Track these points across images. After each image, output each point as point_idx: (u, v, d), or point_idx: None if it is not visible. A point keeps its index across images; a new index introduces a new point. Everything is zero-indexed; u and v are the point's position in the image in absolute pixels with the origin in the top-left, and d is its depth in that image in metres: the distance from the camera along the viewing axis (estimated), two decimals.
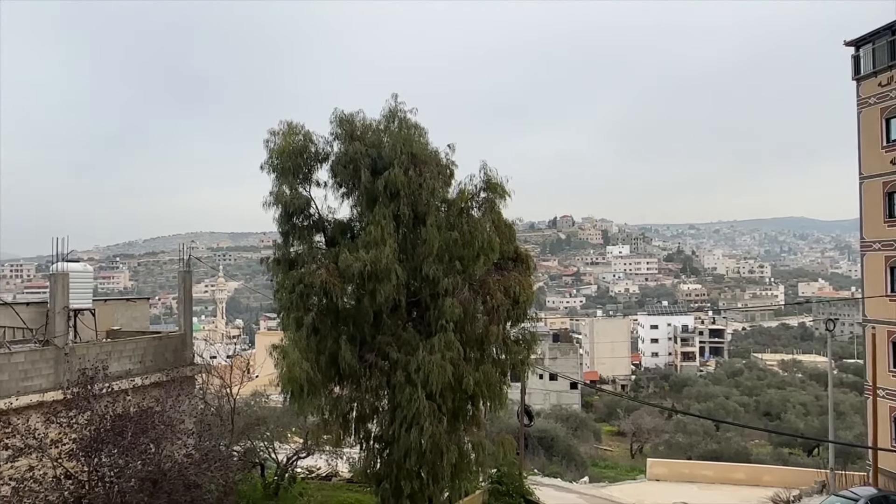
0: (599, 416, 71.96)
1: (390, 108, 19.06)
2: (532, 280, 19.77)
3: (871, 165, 27.62)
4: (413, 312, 18.73)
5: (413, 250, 18.28)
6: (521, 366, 19.28)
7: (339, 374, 18.36)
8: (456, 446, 17.60)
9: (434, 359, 16.75)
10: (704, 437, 45.49)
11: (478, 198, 19.12)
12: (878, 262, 27.33)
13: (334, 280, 16.99)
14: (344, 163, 18.34)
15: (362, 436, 19.47)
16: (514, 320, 18.71)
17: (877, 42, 27.27)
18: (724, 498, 28.17)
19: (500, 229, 18.98)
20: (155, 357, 18.41)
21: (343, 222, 19.34)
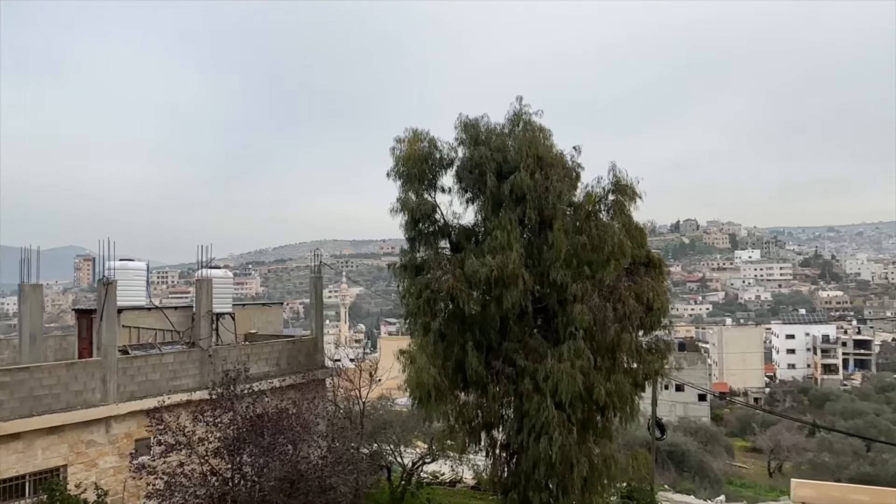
0: (731, 430, 68.04)
1: (515, 110, 18.78)
2: (666, 286, 18.77)
3: None
4: (539, 319, 18.30)
5: (539, 255, 17.85)
6: (654, 376, 18.32)
7: (466, 381, 18.26)
8: (586, 458, 16.93)
9: (563, 367, 16.25)
10: (855, 457, 41.64)
11: (606, 200, 18.43)
12: None
13: (461, 286, 16.88)
14: (469, 168, 18.23)
15: (488, 443, 19.26)
16: (646, 328, 17.83)
17: None
18: None
19: (631, 233, 18.18)
20: (289, 360, 19.08)
21: (467, 228, 19.22)
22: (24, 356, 16.46)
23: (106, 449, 15.22)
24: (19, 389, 13.98)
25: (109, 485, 14.71)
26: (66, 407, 14.66)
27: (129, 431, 15.72)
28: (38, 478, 14.19)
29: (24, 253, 16.32)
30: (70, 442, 14.67)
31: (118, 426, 15.53)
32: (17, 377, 14.10)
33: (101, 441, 15.20)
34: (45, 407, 14.31)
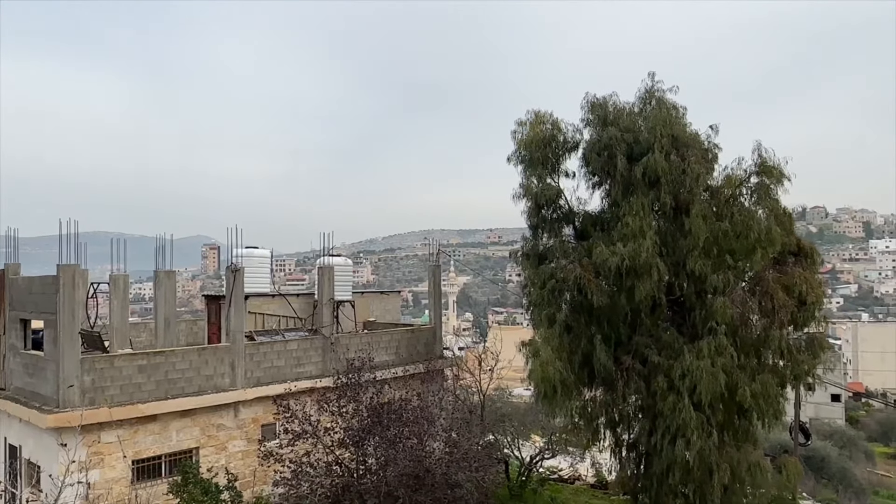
0: (870, 434, 62.48)
1: (646, 87, 17.50)
2: (820, 278, 16.93)
3: None
4: (673, 313, 17.00)
5: (674, 244, 16.53)
6: (804, 376, 16.57)
7: (592, 376, 17.30)
8: (727, 465, 15.54)
9: (703, 365, 14.97)
10: None
11: (748, 183, 16.82)
12: None
13: (588, 275, 15.90)
14: (597, 150, 17.15)
15: (612, 442, 18.23)
16: (798, 324, 16.13)
17: None
18: None
19: (779, 219, 16.50)
20: (409, 349, 18.79)
21: (594, 214, 18.17)
22: (159, 340, 17.05)
23: (235, 433, 15.46)
24: (156, 373, 14.39)
25: (238, 468, 14.93)
26: (197, 391, 14.98)
27: (256, 416, 15.92)
28: (173, 458, 14.60)
29: (158, 241, 16.87)
30: (201, 425, 14.99)
31: (246, 411, 15.76)
32: (154, 361, 14.52)
33: (229, 425, 15.46)
34: (178, 390, 14.68)
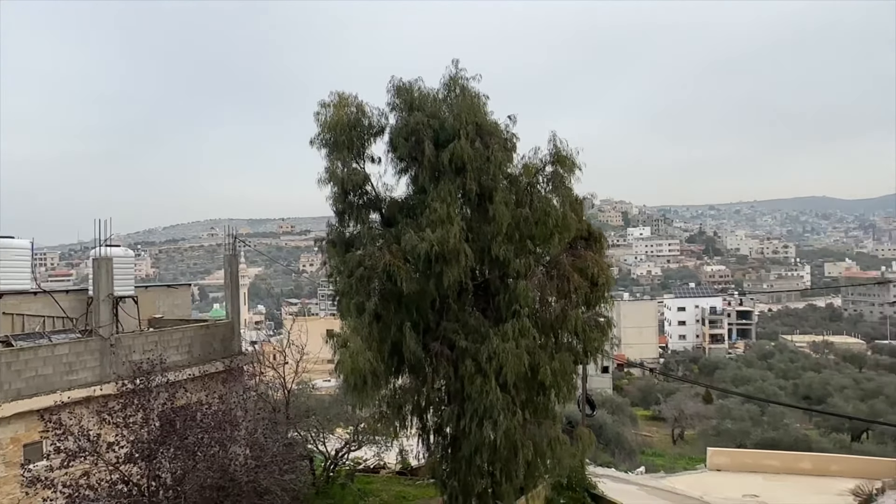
0: (633, 400, 70.55)
1: (451, 74, 17.49)
2: (607, 260, 18.25)
3: None
4: (480, 297, 17.33)
5: (479, 229, 16.82)
6: (595, 353, 17.80)
7: (402, 364, 17.12)
8: (531, 441, 16.21)
9: (508, 347, 15.39)
10: (753, 423, 43.88)
11: (544, 172, 17.60)
12: None
13: (398, 262, 15.62)
14: (404, 135, 16.88)
15: (422, 428, 18.25)
16: (591, 304, 17.23)
17: None
18: (795, 489, 26.65)
19: (573, 205, 17.45)
20: (203, 347, 17.18)
21: (401, 200, 17.94)
22: None
23: None
24: None
25: None
26: None
27: (17, 436, 13.47)
28: None
29: None
30: None
31: (3, 430, 13.27)
32: None
33: None
34: None
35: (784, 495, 25.77)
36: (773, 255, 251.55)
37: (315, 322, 40.80)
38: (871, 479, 25.81)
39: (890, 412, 50.24)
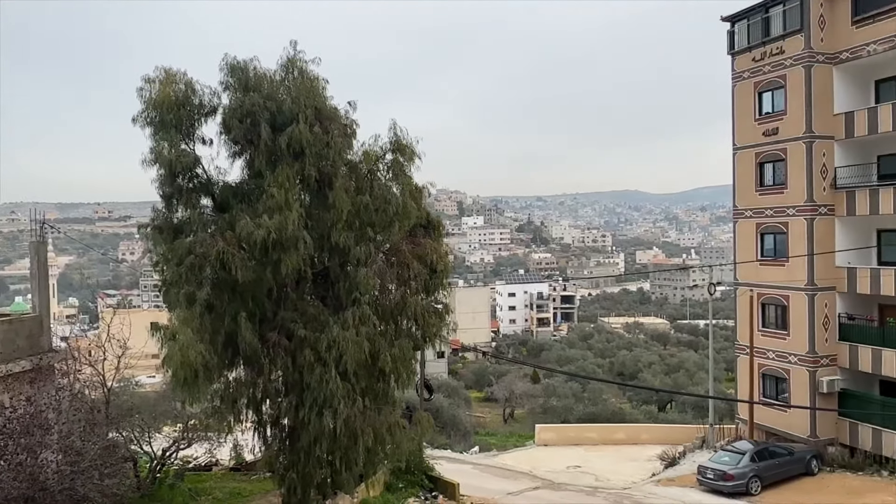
0: (467, 383, 73.07)
1: (289, 56, 16.94)
2: (445, 248, 18.68)
3: (745, 137, 29.15)
4: (319, 285, 17.05)
5: (319, 216, 16.52)
6: (434, 338, 18.20)
7: (237, 356, 16.46)
8: (371, 428, 16.25)
9: (348, 335, 15.31)
10: (576, 399, 47.27)
11: (384, 160, 17.65)
12: (750, 229, 29.05)
13: (232, 249, 14.95)
14: (239, 116, 16.15)
15: (259, 421, 17.68)
16: (430, 290, 17.57)
17: (751, 19, 28.63)
18: (612, 458, 29.11)
19: (412, 193, 17.65)
20: (6, 344, 15.32)
21: (235, 185, 17.17)
22: None
23: None
24: None
25: None
26: None
27: None
28: None
29: None
30: None
31: None
32: None
33: None
34: None
35: (602, 464, 28.09)
36: (593, 244, 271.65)
37: (138, 314, 37.93)
38: (674, 445, 28.86)
39: (690, 384, 56.29)
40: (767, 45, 27.84)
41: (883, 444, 24.94)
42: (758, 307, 28.48)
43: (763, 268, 28.45)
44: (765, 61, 27.98)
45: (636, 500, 22.51)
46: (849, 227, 26.92)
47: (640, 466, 27.53)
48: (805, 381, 26.72)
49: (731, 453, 23.70)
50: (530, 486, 24.67)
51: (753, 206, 28.86)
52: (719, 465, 23.15)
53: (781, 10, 27.46)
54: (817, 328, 26.58)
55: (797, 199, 26.91)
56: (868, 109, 25.90)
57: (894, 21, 24.40)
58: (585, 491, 24.04)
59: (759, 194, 28.56)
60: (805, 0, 26.41)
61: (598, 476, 26.23)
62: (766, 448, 24.10)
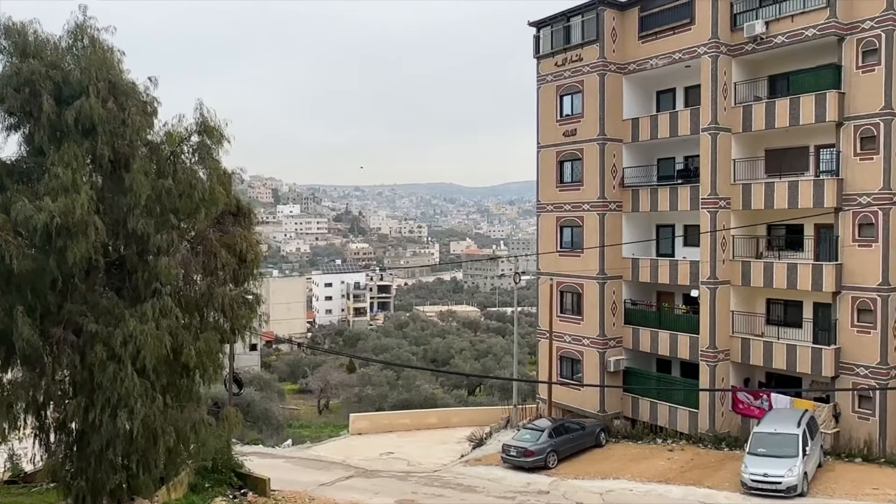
0: (281, 375, 71.35)
1: (77, 21, 15.33)
2: (257, 237, 18.02)
3: (547, 136, 31.25)
4: (114, 275, 15.67)
5: (114, 201, 15.19)
6: (243, 330, 17.51)
7: (12, 355, 14.68)
8: (173, 427, 15.30)
9: (147, 328, 14.22)
10: (390, 387, 47.99)
11: (189, 142, 16.59)
12: (551, 222, 31.27)
13: (7, 235, 13.29)
14: (15, 85, 14.35)
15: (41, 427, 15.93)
16: (239, 281, 16.85)
17: (555, 26, 30.69)
18: (424, 442, 29.93)
19: (220, 179, 16.75)
20: None
21: (10, 163, 15.28)
22: None
23: None
24: None
25: None
26: None
27: None
28: None
29: None
30: None
31: None
32: None
33: None
34: None
35: (414, 449, 28.81)
36: (410, 235, 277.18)
37: None
38: (482, 426, 30.37)
39: (497, 367, 59.50)
40: (568, 51, 30.06)
41: (658, 415, 28.18)
42: (557, 294, 30.81)
43: (562, 258, 30.80)
44: (566, 67, 30.20)
45: (445, 480, 23.36)
46: (634, 222, 29.96)
47: (451, 449, 28.61)
48: (596, 361, 29.40)
49: (531, 431, 25.42)
50: (343, 475, 24.67)
51: (554, 201, 31.11)
52: (521, 443, 24.75)
53: (581, 21, 29.77)
54: (607, 313, 29.33)
55: (591, 196, 29.43)
56: (650, 117, 28.93)
57: (671, 39, 27.43)
58: (398, 476, 24.52)
59: (560, 190, 30.85)
60: (600, 13, 28.85)
61: (411, 461, 26.87)
62: (562, 424, 26.16)
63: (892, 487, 19.29)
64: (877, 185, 22.84)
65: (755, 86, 26.58)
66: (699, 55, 26.40)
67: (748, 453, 20.73)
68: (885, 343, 22.85)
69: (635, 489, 21.24)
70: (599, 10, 28.86)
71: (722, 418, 26.24)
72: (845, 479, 20.36)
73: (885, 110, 22.62)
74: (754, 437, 21.15)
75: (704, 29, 26.19)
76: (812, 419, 22.06)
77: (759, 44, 25.34)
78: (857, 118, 23.26)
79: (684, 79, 28.37)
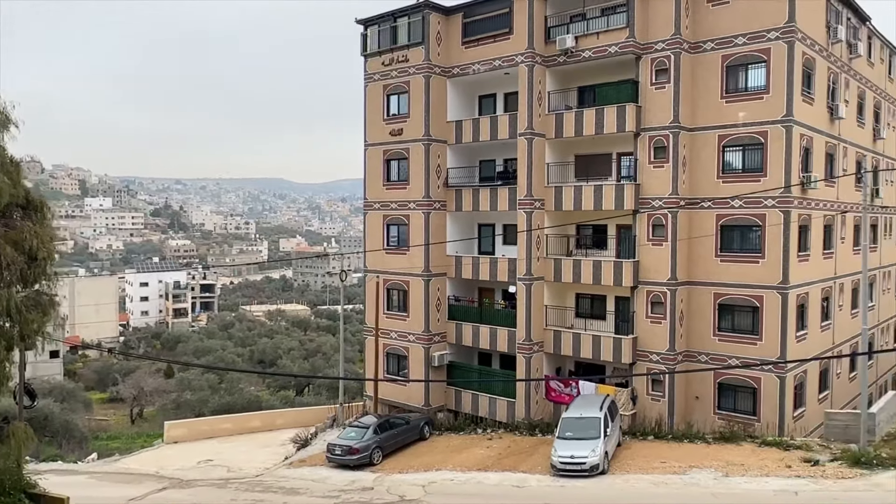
0: (87, 384, 65.40)
1: None
2: (53, 232, 16.33)
3: (375, 135, 31.40)
4: None
5: None
6: (35, 336, 15.83)
7: None
8: None
9: None
10: (212, 391, 45.67)
11: None
12: (378, 220, 31.48)
13: None
14: None
15: None
16: (29, 281, 15.19)
17: (382, 25, 30.89)
18: (246, 447, 28.84)
19: (5, 168, 15.12)
20: None
21: None
22: None
23: None
24: None
25: None
26: None
27: None
28: None
29: None
30: None
31: None
32: None
33: None
34: None
35: (236, 454, 27.71)
36: (236, 231, 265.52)
37: None
38: (307, 427, 29.89)
39: (326, 367, 58.91)
40: (395, 51, 30.42)
41: (479, 406, 29.42)
42: (384, 292, 31.09)
43: (389, 256, 31.13)
44: (393, 66, 30.53)
45: (267, 485, 22.71)
46: (457, 220, 30.99)
47: (275, 452, 27.88)
48: (421, 357, 30.07)
49: (357, 428, 25.45)
50: (156, 487, 23.13)
51: (381, 199, 31.37)
52: (346, 441, 24.70)
53: (407, 22, 30.24)
54: (431, 309, 30.09)
55: (417, 195, 30.03)
56: (473, 120, 30.07)
57: (492, 47, 28.71)
58: (217, 484, 23.44)
59: (386, 188, 31.15)
60: (426, 16, 29.51)
61: (231, 467, 25.81)
62: (387, 420, 26.47)
63: (677, 460, 21.66)
64: (667, 191, 25.48)
65: (567, 95, 28.60)
66: (517, 63, 27.89)
67: (557, 437, 22.29)
68: (674, 332, 25.58)
69: (456, 479, 22.00)
70: (425, 13, 29.52)
71: (536, 406, 27.96)
72: (639, 456, 22.53)
73: (674, 124, 25.30)
74: (562, 423, 22.77)
75: (522, 39, 27.71)
76: (613, 403, 24.18)
77: (570, 56, 27.27)
78: (652, 130, 25.80)
79: (504, 85, 29.83)
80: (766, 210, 24.12)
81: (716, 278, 25.29)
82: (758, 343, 24.38)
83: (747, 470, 20.21)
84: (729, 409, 25.07)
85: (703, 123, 25.44)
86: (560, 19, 27.98)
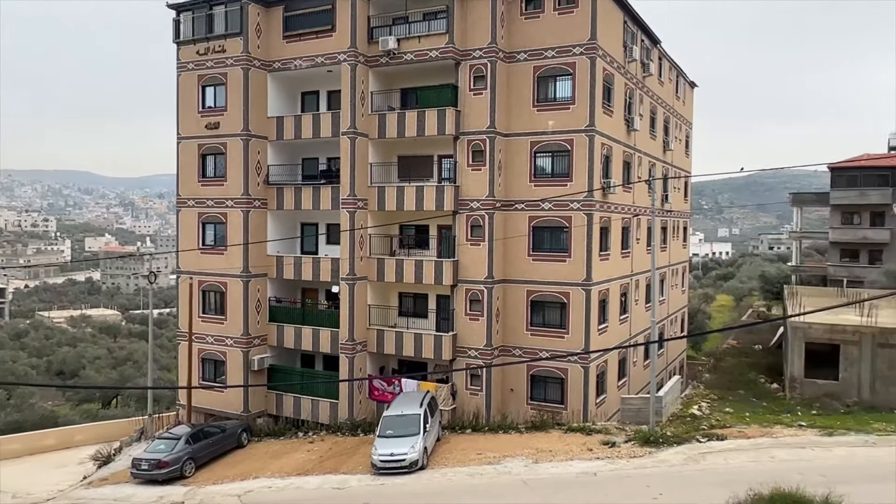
0: None
1: None
2: None
3: (189, 128, 29.59)
4: None
5: None
6: None
7: None
8: None
9: None
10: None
11: None
12: (192, 218, 29.70)
13: None
14: None
15: None
16: None
17: (196, 12, 29.17)
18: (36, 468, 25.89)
19: None
20: None
21: None
22: None
23: None
24: None
25: None
26: None
27: None
28: None
29: None
30: None
31: None
32: None
33: None
34: None
35: (23, 476, 24.80)
36: (33, 229, 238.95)
37: None
38: (111, 441, 27.51)
39: (138, 375, 54.59)
40: (211, 41, 28.89)
41: (301, 409, 28.81)
42: (199, 294, 29.42)
43: (204, 256, 29.51)
44: (209, 56, 28.98)
45: None
46: (279, 219, 30.11)
47: (72, 471, 25.36)
48: (240, 361, 28.84)
49: (167, 440, 23.84)
50: None
51: (196, 196, 29.65)
52: (154, 455, 23.03)
53: (224, 11, 28.82)
54: (251, 312, 28.97)
55: (235, 192, 28.76)
56: (295, 117, 29.34)
57: (314, 43, 28.21)
58: None
59: (202, 185, 29.51)
60: (244, 6, 28.33)
61: (17, 492, 23.06)
62: (201, 430, 25.06)
63: (492, 451, 22.62)
64: (484, 193, 26.54)
65: (390, 96, 28.83)
66: (339, 62, 27.63)
67: (378, 436, 22.38)
68: (490, 328, 26.71)
69: (274, 485, 21.34)
70: (244, 3, 28.33)
71: (359, 406, 27.91)
72: (457, 449, 23.24)
73: (491, 129, 26.42)
74: (383, 421, 22.91)
75: (344, 38, 27.50)
76: (433, 399, 24.74)
77: (393, 58, 27.52)
78: (470, 133, 26.74)
79: (328, 83, 29.44)
80: (571, 212, 25.93)
81: (528, 276, 26.76)
82: (565, 336, 26.13)
83: (554, 456, 21.57)
84: (540, 400, 26.64)
85: (517, 130, 26.80)
86: (383, 20, 28.14)
